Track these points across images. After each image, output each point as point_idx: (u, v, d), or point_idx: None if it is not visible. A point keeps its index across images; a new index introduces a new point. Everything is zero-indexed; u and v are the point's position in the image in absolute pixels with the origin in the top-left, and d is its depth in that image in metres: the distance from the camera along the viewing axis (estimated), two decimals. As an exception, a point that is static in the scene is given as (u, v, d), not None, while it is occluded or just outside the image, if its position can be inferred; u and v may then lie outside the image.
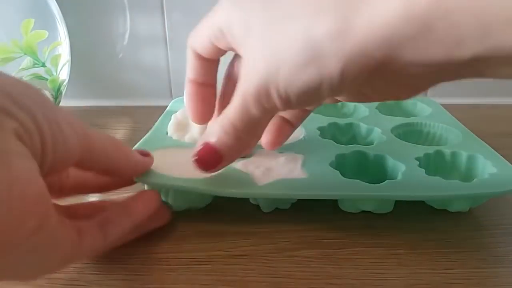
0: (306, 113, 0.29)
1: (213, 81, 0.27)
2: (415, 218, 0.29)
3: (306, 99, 0.21)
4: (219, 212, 0.29)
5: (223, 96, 0.26)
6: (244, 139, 0.23)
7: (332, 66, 0.19)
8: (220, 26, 0.23)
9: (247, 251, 0.26)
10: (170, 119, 0.35)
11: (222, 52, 0.25)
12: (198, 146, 0.24)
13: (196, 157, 0.24)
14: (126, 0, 0.52)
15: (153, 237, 0.28)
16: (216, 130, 0.23)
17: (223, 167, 0.25)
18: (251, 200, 0.29)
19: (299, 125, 0.29)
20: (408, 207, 0.29)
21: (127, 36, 0.54)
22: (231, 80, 0.25)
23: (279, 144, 0.29)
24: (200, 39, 0.24)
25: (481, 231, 0.28)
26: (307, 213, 0.29)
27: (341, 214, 0.29)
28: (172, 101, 0.45)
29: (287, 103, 0.21)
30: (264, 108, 0.22)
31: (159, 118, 0.38)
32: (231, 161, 0.25)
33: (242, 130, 0.23)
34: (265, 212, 0.29)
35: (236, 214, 0.29)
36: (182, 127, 0.33)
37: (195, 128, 0.32)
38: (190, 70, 0.26)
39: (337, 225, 0.28)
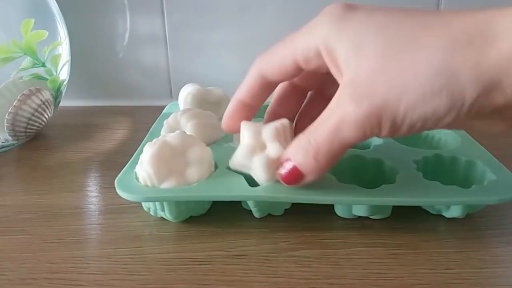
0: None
1: (261, 103, 0.27)
2: (415, 218, 0.29)
3: (420, 127, 0.20)
4: (219, 213, 0.29)
5: (302, 116, 0.28)
6: (322, 163, 0.23)
7: (466, 95, 0.19)
8: (317, 46, 0.22)
9: (247, 251, 0.26)
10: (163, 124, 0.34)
11: (296, 74, 0.25)
12: (283, 163, 0.25)
13: (281, 176, 0.25)
14: (126, 0, 0.52)
15: (153, 237, 0.28)
16: (297, 151, 0.24)
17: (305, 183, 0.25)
18: (243, 205, 0.29)
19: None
20: (407, 207, 0.29)
21: (127, 36, 0.54)
22: (316, 102, 0.27)
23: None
24: (276, 62, 0.24)
25: (481, 231, 0.28)
26: (307, 213, 0.29)
27: (341, 214, 0.29)
28: (168, 105, 0.45)
29: (397, 130, 0.21)
30: (364, 135, 0.21)
31: (154, 123, 0.38)
32: (313, 181, 0.25)
33: (325, 154, 0.23)
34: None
35: (236, 214, 0.29)
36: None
37: (188, 133, 0.32)
38: (244, 92, 0.26)
39: (336, 225, 0.28)
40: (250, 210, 0.29)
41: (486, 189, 0.27)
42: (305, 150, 0.23)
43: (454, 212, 0.28)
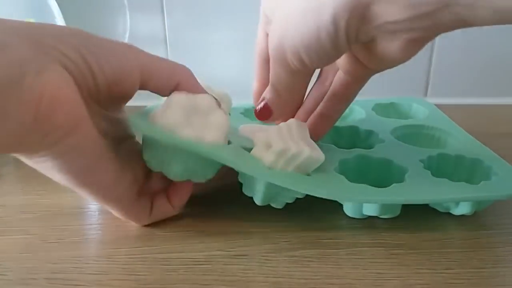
0: (340, 105, 0.31)
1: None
2: (415, 218, 0.29)
3: (314, 55, 0.24)
4: (219, 212, 0.29)
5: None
6: (284, 96, 0.28)
7: (325, 14, 0.22)
8: (264, 11, 0.28)
9: (247, 251, 0.26)
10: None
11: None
12: (259, 101, 0.29)
13: (256, 111, 0.29)
14: (126, 0, 0.52)
15: (153, 237, 0.28)
16: (267, 89, 0.29)
17: (276, 119, 0.30)
18: (244, 191, 0.28)
19: (337, 118, 0.32)
20: (408, 207, 0.29)
21: (127, 36, 0.54)
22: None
23: (316, 138, 0.31)
24: (259, 38, 0.30)
25: (481, 231, 0.28)
26: (307, 212, 0.29)
27: (341, 214, 0.29)
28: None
29: (301, 60, 0.25)
30: (286, 68, 0.26)
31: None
32: (280, 115, 0.30)
33: (280, 89, 0.28)
34: (265, 210, 0.29)
35: (236, 214, 0.29)
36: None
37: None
38: (258, 77, 0.32)
39: (337, 225, 0.28)
40: (250, 210, 0.29)
41: (496, 185, 0.27)
42: (270, 87, 0.28)
43: (463, 209, 0.28)
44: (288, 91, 0.28)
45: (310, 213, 0.29)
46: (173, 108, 0.26)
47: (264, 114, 0.29)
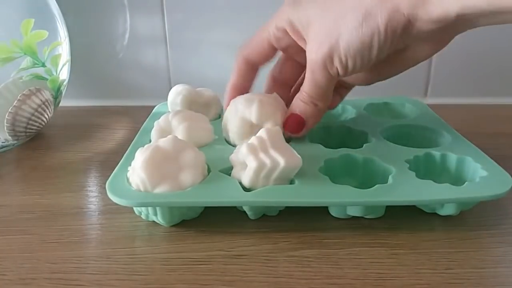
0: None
1: (251, 83, 0.34)
2: (414, 218, 0.29)
3: (359, 60, 0.27)
4: (219, 213, 0.29)
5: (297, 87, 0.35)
6: (319, 104, 0.31)
7: (379, 22, 0.25)
8: (282, 26, 0.30)
9: (247, 251, 0.26)
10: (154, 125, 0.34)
11: (273, 54, 0.33)
12: (286, 117, 0.32)
13: (285, 125, 0.32)
14: (126, 0, 0.52)
15: (153, 237, 0.28)
16: (297, 103, 0.31)
17: (307, 131, 0.32)
18: (238, 207, 0.29)
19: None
20: (405, 207, 0.29)
21: (127, 36, 0.54)
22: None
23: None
24: (255, 46, 0.32)
25: (481, 231, 0.28)
26: (306, 213, 0.29)
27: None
28: (158, 105, 0.45)
29: (345, 67, 0.28)
30: (328, 75, 0.28)
31: (144, 123, 0.38)
32: (313, 124, 0.32)
33: (316, 97, 0.30)
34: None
35: (236, 214, 0.29)
36: (165, 134, 0.32)
37: (179, 135, 0.32)
38: (235, 78, 0.34)
39: (336, 225, 0.28)
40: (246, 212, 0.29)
41: (479, 186, 0.27)
42: (303, 100, 0.30)
43: (448, 210, 0.28)
44: (325, 99, 0.30)
45: (310, 213, 0.29)
46: (141, 169, 0.27)
47: (298, 127, 0.31)
